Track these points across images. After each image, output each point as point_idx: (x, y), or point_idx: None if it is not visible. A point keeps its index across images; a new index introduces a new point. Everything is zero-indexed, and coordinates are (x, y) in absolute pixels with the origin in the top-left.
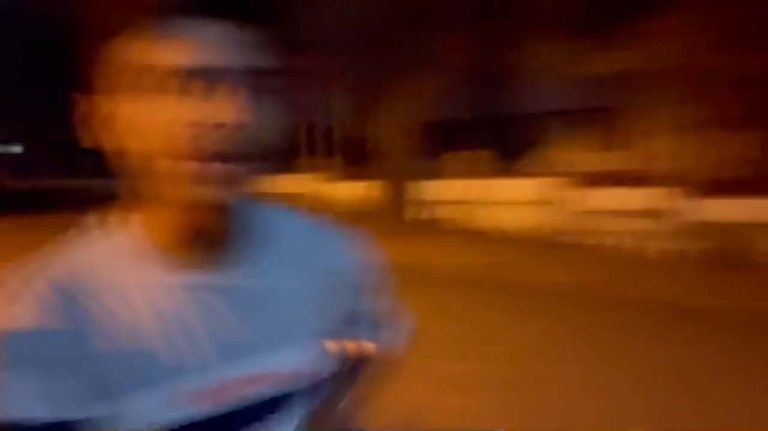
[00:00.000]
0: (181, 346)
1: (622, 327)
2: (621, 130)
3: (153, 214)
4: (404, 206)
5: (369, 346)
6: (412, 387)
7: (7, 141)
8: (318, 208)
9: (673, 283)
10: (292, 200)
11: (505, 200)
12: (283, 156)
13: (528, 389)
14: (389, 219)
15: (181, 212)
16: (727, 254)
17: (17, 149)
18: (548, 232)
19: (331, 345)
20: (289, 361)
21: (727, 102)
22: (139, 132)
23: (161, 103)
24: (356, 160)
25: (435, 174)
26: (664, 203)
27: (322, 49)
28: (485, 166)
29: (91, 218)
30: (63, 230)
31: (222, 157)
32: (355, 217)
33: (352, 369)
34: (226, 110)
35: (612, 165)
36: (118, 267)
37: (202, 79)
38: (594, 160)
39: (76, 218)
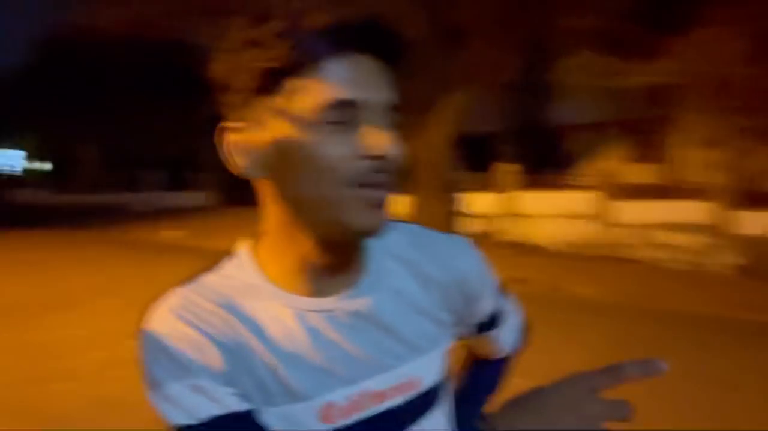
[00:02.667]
0: (316, 367)
1: (662, 340)
2: (656, 142)
3: (284, 242)
4: (446, 219)
5: (504, 346)
6: None
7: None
8: None
9: (713, 296)
10: None
11: (539, 213)
12: None
13: None
14: None
15: (325, 239)
16: (764, 267)
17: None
18: (583, 245)
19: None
20: (418, 371)
21: (763, 113)
22: (307, 162)
23: (327, 134)
24: None
25: (470, 187)
26: (700, 216)
27: None
28: (519, 179)
29: (224, 252)
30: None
31: (385, 185)
32: None
33: (488, 369)
34: (389, 142)
35: (647, 178)
36: (251, 297)
37: (357, 112)
38: (629, 172)
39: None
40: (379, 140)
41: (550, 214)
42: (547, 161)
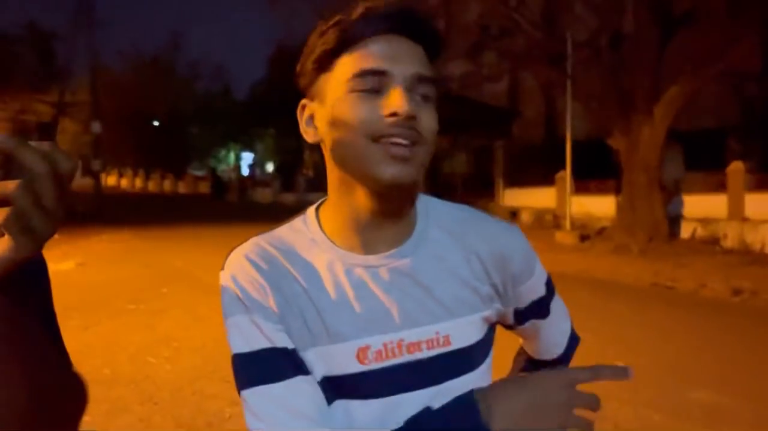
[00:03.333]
0: (357, 315)
1: None
2: None
3: (339, 201)
4: (660, 223)
5: (552, 347)
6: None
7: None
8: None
9: None
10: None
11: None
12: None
13: None
14: (645, 236)
15: (369, 192)
16: None
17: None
18: None
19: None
20: (449, 331)
21: None
22: (344, 123)
23: (359, 99)
24: (593, 172)
25: (692, 188)
26: None
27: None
28: (750, 179)
29: (299, 214)
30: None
31: (403, 141)
32: (603, 233)
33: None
34: (403, 102)
35: None
36: (309, 250)
37: (384, 80)
38: None
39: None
40: (395, 101)
41: None
42: None
